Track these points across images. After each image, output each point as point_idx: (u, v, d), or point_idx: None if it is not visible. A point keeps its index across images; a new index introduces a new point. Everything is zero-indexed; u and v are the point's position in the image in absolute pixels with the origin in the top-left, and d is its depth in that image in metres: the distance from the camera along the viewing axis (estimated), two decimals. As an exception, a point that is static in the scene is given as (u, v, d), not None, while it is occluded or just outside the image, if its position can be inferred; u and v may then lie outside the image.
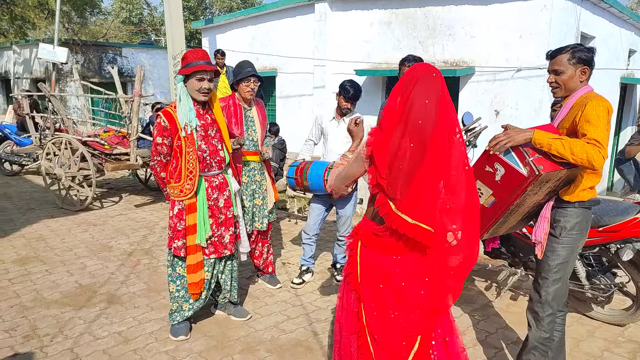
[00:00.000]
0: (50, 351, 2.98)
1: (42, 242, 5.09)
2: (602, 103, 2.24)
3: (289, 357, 2.95)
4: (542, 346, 2.53)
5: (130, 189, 8.03)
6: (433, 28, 6.60)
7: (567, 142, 2.20)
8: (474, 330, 3.35)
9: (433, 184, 1.70)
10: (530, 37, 5.81)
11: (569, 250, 2.46)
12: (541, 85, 5.79)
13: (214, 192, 3.09)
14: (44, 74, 14.14)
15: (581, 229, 2.45)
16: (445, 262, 1.77)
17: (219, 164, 3.11)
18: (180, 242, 3.02)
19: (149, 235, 5.42)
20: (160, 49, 16.05)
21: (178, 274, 3.11)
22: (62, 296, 3.77)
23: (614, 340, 3.23)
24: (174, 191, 3.01)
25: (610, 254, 3.25)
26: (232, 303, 3.44)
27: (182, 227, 3.02)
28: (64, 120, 6.92)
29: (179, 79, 2.96)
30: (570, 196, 2.41)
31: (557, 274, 2.47)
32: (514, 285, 3.94)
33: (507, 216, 2.48)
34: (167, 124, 2.94)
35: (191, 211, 3.00)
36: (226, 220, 3.15)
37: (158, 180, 3.12)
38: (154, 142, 2.98)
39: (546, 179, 2.27)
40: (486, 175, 2.43)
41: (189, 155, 2.96)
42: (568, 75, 2.38)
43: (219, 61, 8.05)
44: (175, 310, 3.16)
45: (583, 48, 2.37)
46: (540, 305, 2.51)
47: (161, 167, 3.04)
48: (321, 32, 8.10)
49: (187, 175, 2.96)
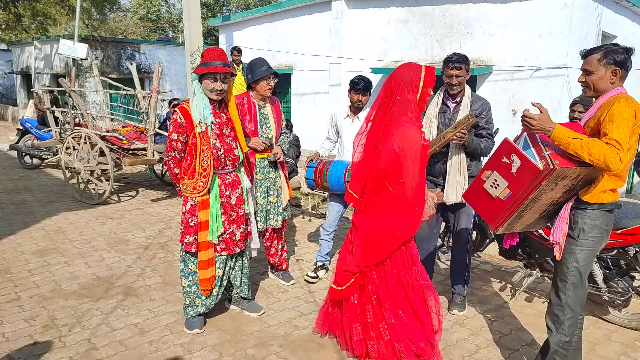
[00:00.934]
0: (68, 341, 3.04)
1: (61, 235, 5.19)
2: (630, 105, 2.20)
3: (301, 352, 2.98)
4: (562, 350, 2.49)
5: (147, 183, 8.14)
6: (451, 26, 6.54)
7: (586, 142, 2.17)
8: (488, 331, 3.33)
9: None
10: (550, 36, 5.72)
11: (588, 253, 2.42)
12: (560, 85, 5.70)
13: (226, 189, 3.11)
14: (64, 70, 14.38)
15: (601, 232, 2.40)
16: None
17: (233, 162, 3.14)
18: (192, 238, 3.05)
19: (165, 229, 5.49)
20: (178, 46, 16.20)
21: (190, 269, 3.14)
22: (80, 287, 3.85)
23: (631, 344, 3.18)
24: (187, 188, 3.03)
25: (628, 257, 3.20)
26: (243, 298, 3.47)
27: (194, 223, 3.04)
28: (84, 115, 7.03)
29: (194, 76, 3.00)
30: (590, 197, 2.36)
31: (575, 277, 2.44)
32: (529, 286, 3.90)
33: (522, 211, 2.44)
34: (183, 120, 2.96)
35: (204, 207, 3.02)
36: (238, 217, 3.17)
37: (171, 176, 3.14)
38: (169, 138, 3.01)
39: (562, 174, 2.25)
40: (503, 166, 2.42)
41: (203, 152, 2.97)
42: (598, 76, 2.34)
43: (235, 58, 8.09)
44: (189, 305, 3.19)
45: (617, 49, 2.32)
46: (561, 309, 2.47)
47: (175, 163, 3.06)
48: (337, 30, 8.09)
49: (200, 172, 2.98)
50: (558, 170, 2.21)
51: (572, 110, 4.16)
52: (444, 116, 3.41)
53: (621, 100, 2.22)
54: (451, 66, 3.28)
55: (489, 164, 2.54)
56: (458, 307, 3.56)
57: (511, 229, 2.59)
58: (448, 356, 2.99)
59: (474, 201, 2.71)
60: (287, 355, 2.95)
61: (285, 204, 3.88)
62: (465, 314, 3.55)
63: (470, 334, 3.28)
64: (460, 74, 3.27)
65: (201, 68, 2.94)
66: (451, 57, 3.32)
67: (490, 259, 4.73)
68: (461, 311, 3.56)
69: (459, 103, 3.38)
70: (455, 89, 3.33)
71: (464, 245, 3.51)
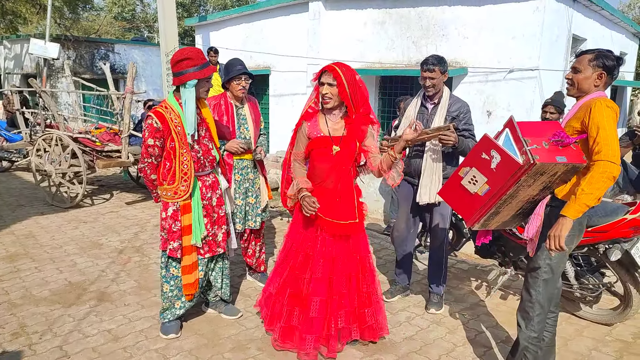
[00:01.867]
0: (39, 349, 2.95)
1: (31, 239, 5.05)
2: (610, 105, 2.25)
3: (280, 355, 2.96)
4: (532, 346, 2.53)
5: (122, 186, 7.99)
6: (427, 28, 6.62)
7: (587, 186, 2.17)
8: (463, 329, 3.37)
9: None
10: (523, 39, 5.84)
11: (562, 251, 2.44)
12: (533, 87, 5.83)
13: (207, 191, 3.07)
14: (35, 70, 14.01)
15: (574, 231, 2.41)
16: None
17: (211, 164, 3.10)
18: (177, 244, 2.97)
19: (140, 232, 5.39)
20: (153, 46, 15.95)
21: (172, 274, 3.08)
22: (52, 294, 3.74)
23: (601, 339, 3.27)
24: (167, 193, 2.94)
25: (598, 254, 3.28)
26: (223, 301, 3.43)
27: (178, 228, 2.97)
28: (55, 117, 6.86)
29: (191, 84, 2.81)
30: (565, 195, 2.39)
31: (547, 274, 2.47)
32: (504, 284, 3.97)
33: (500, 207, 2.46)
34: (160, 125, 2.84)
35: (186, 212, 2.96)
36: (219, 218, 3.14)
37: (148, 183, 3.03)
38: (145, 144, 2.88)
39: (541, 170, 2.27)
40: (482, 162, 2.43)
41: (182, 156, 2.89)
42: (584, 76, 2.39)
43: (212, 59, 8.01)
44: (167, 308, 3.13)
45: (610, 55, 2.38)
46: (531, 305, 2.51)
47: (152, 169, 2.95)
48: (315, 31, 8.10)
49: (181, 176, 2.91)
50: (538, 165, 2.23)
51: (544, 112, 4.26)
52: (422, 117, 3.44)
53: (602, 101, 2.26)
54: (424, 68, 3.33)
55: (467, 161, 2.55)
56: (435, 306, 3.60)
57: (487, 225, 2.60)
58: (426, 355, 3.02)
59: (450, 198, 2.71)
60: (265, 358, 2.93)
61: (264, 206, 3.85)
62: (442, 313, 3.59)
63: (447, 333, 3.32)
64: (433, 76, 3.30)
65: (202, 71, 2.82)
66: (427, 59, 3.35)
67: (467, 257, 4.80)
68: (438, 310, 3.59)
69: (436, 104, 3.41)
70: (430, 90, 3.36)
71: (441, 245, 3.55)
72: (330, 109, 2.80)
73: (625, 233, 3.10)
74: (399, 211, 3.70)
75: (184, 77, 2.81)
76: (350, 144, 2.81)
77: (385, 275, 4.35)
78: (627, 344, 3.22)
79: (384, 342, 3.16)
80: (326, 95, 2.73)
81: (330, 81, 2.71)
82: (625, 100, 10.62)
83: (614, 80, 2.46)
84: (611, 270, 3.33)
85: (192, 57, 2.81)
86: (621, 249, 3.13)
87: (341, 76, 2.68)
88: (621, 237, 3.13)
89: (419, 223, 3.74)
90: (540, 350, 2.57)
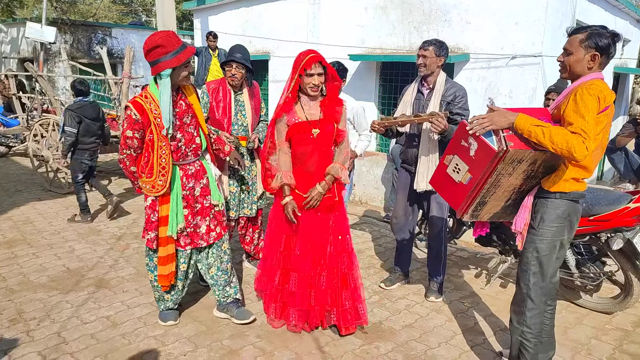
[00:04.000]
0: (36, 335, 2.94)
1: (29, 225, 5.02)
2: (593, 92, 2.11)
3: (278, 342, 2.95)
4: (528, 342, 2.43)
5: (120, 172, 7.94)
6: (429, 13, 6.51)
7: (548, 129, 2.10)
8: (463, 317, 3.36)
9: None
10: (526, 24, 5.75)
11: (549, 243, 2.33)
12: (535, 73, 5.75)
13: (189, 180, 2.92)
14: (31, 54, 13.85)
15: (562, 222, 2.31)
16: None
17: (195, 152, 2.94)
18: (153, 234, 2.90)
19: (139, 219, 5.36)
20: (151, 30, 15.75)
21: (154, 264, 3.00)
22: (50, 280, 3.73)
23: (601, 327, 3.26)
24: (146, 186, 2.83)
25: (600, 243, 3.26)
26: (236, 300, 3.20)
27: (156, 219, 2.88)
28: (52, 102, 6.78)
29: (165, 74, 2.62)
30: (550, 185, 2.29)
31: (535, 267, 2.37)
32: (504, 272, 3.96)
33: (485, 197, 2.40)
34: (139, 117, 2.69)
35: (164, 202, 2.86)
36: (202, 209, 2.98)
37: (128, 175, 2.90)
38: (123, 135, 2.74)
39: (517, 157, 2.20)
40: (462, 149, 2.38)
41: (161, 149, 2.75)
42: (575, 58, 2.23)
43: (211, 44, 7.92)
44: (158, 298, 3.12)
45: (603, 33, 2.19)
46: (522, 300, 2.43)
47: (131, 161, 2.82)
48: (315, 16, 7.98)
49: (159, 171, 2.77)
50: (512, 152, 2.16)
51: (547, 99, 4.21)
52: (418, 103, 3.40)
53: (584, 88, 2.13)
54: (420, 46, 3.33)
55: (449, 148, 2.51)
56: (435, 294, 3.59)
57: (477, 216, 2.53)
58: (425, 342, 3.01)
59: (440, 187, 2.67)
60: (264, 345, 2.92)
61: (260, 193, 3.82)
62: (442, 301, 3.58)
63: (447, 320, 3.31)
64: (426, 55, 3.27)
65: (176, 57, 2.61)
66: (426, 40, 3.36)
67: (467, 245, 4.78)
68: (438, 298, 3.58)
69: (432, 90, 3.36)
70: (422, 70, 3.33)
71: (439, 233, 3.53)
72: (309, 95, 2.88)
73: (628, 222, 3.07)
74: (397, 198, 3.67)
75: (157, 66, 2.63)
76: (328, 125, 2.89)
77: (384, 263, 4.33)
78: (627, 332, 3.21)
79: (383, 329, 3.15)
80: (317, 86, 2.82)
81: (320, 70, 2.80)
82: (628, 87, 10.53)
83: (612, 56, 2.24)
84: (612, 259, 3.31)
85: (163, 44, 2.60)
86: (623, 238, 3.11)
87: (328, 64, 2.83)
88: (624, 226, 3.11)
89: (417, 210, 3.71)
90: (541, 344, 2.47)
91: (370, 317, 3.30)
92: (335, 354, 2.86)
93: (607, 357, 2.92)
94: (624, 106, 10.61)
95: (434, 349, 2.96)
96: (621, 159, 4.93)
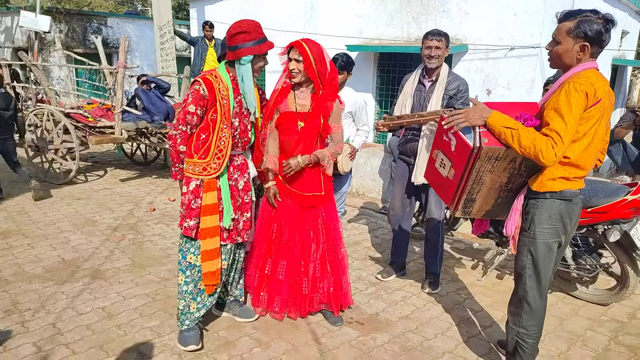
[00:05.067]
0: (31, 326, 2.93)
1: (24, 216, 4.99)
2: (581, 87, 1.98)
3: (274, 333, 2.94)
4: (524, 342, 2.37)
5: (116, 163, 7.89)
6: (427, 4, 6.45)
7: (517, 132, 2.04)
8: (460, 309, 3.36)
9: None
10: (525, 15, 5.71)
11: (542, 245, 2.24)
12: (534, 65, 5.72)
13: (235, 171, 2.78)
14: (26, 43, 13.71)
15: (554, 223, 2.20)
16: None
17: (244, 145, 2.81)
18: (193, 222, 2.67)
19: (135, 210, 5.33)
20: (147, 20, 15.60)
21: (188, 262, 2.74)
22: (45, 271, 3.71)
23: (597, 319, 3.27)
24: (195, 168, 2.63)
25: (597, 234, 3.26)
26: (237, 301, 3.13)
27: (197, 206, 2.66)
28: (46, 91, 6.71)
29: (246, 59, 2.59)
30: (538, 185, 2.19)
31: (530, 270, 2.29)
32: (500, 264, 3.96)
33: (471, 193, 2.35)
34: (207, 93, 2.57)
35: (209, 189, 2.65)
36: (243, 204, 2.83)
37: (173, 154, 2.67)
38: (185, 110, 2.58)
39: (492, 155, 2.16)
40: (445, 145, 2.36)
41: (222, 131, 2.61)
42: (564, 49, 2.10)
43: (207, 33, 7.84)
44: (183, 310, 2.77)
45: (594, 19, 2.02)
46: (518, 300, 2.37)
47: (183, 139, 2.62)
48: (313, 6, 7.91)
49: (215, 153, 2.62)
50: (485, 149, 2.12)
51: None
52: (419, 95, 3.36)
53: (572, 82, 2.01)
54: (430, 37, 3.22)
55: (435, 143, 2.48)
56: (431, 286, 3.59)
57: (469, 213, 2.47)
58: (422, 334, 3.02)
59: (433, 181, 2.65)
60: (260, 336, 2.91)
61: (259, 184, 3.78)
62: (439, 292, 3.58)
63: (443, 312, 3.31)
64: (439, 46, 3.20)
65: (259, 46, 2.59)
66: (432, 30, 3.28)
67: (463, 237, 4.78)
68: (434, 290, 3.58)
69: (434, 82, 3.32)
70: (433, 62, 3.23)
71: (436, 225, 3.52)
72: (298, 84, 2.84)
73: (625, 214, 3.07)
74: (394, 190, 3.65)
75: (238, 51, 2.59)
76: (314, 120, 2.83)
77: (381, 254, 4.33)
78: (622, 324, 3.22)
79: (380, 320, 3.15)
80: (293, 71, 2.77)
81: (297, 57, 2.75)
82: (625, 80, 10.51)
83: (606, 44, 2.08)
84: (609, 251, 3.32)
85: (249, 30, 2.59)
86: (620, 230, 3.11)
87: (307, 52, 2.72)
88: (621, 218, 3.10)
89: (415, 202, 3.70)
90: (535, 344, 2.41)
91: (367, 309, 3.30)
92: (331, 344, 2.85)
93: (603, 348, 2.93)
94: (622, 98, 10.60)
95: (430, 340, 2.96)
96: (619, 151, 4.92)
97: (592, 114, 2.05)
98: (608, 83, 2.11)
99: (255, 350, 2.78)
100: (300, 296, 3.03)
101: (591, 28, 2.02)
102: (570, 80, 2.04)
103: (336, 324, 3.05)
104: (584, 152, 2.12)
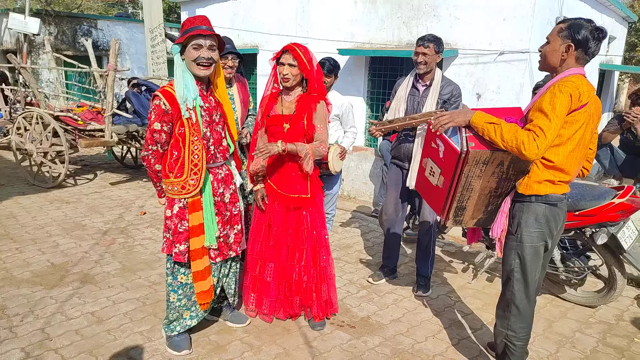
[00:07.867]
0: (20, 331, 2.89)
1: (12, 220, 4.93)
2: (566, 89, 2.03)
3: (265, 337, 2.94)
4: (512, 345, 2.38)
5: (106, 166, 7.84)
6: (417, 8, 6.51)
7: (499, 127, 2.08)
8: (451, 311, 3.38)
9: None
10: (514, 21, 5.78)
11: (529, 249, 2.26)
12: (523, 70, 5.79)
13: (219, 185, 2.67)
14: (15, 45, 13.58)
15: (540, 227, 2.23)
16: None
17: (223, 154, 2.71)
18: (183, 247, 2.58)
19: (125, 213, 5.30)
20: (138, 22, 15.53)
21: (180, 282, 2.68)
22: (33, 275, 3.67)
23: (585, 321, 3.31)
24: (173, 187, 2.53)
25: (585, 237, 3.30)
26: (228, 305, 3.10)
27: (185, 229, 2.58)
28: (35, 94, 6.65)
29: (175, 50, 2.46)
30: (524, 188, 2.21)
31: (518, 274, 2.31)
32: (491, 267, 3.99)
33: (461, 201, 2.34)
34: (169, 107, 2.43)
35: (195, 209, 2.55)
36: (232, 217, 2.77)
37: (151, 175, 2.61)
38: (151, 129, 2.47)
39: (480, 158, 2.18)
40: (433, 152, 2.37)
41: (193, 145, 2.48)
42: (551, 48, 2.17)
43: (198, 36, 7.80)
44: (174, 319, 2.75)
45: (584, 25, 2.10)
46: (506, 304, 2.39)
47: (157, 158, 2.53)
48: (304, 10, 7.93)
49: (190, 168, 2.50)
50: (472, 153, 2.14)
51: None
52: (413, 99, 3.38)
53: (557, 85, 2.06)
54: (419, 43, 3.26)
55: (423, 151, 2.48)
56: (422, 289, 3.60)
57: (460, 221, 2.47)
58: (412, 337, 3.03)
59: (423, 191, 2.65)
60: (252, 340, 2.91)
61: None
62: (429, 295, 3.60)
63: (434, 315, 3.33)
64: (426, 52, 3.23)
65: (183, 36, 2.43)
66: (423, 36, 3.30)
67: (454, 240, 4.81)
68: (425, 292, 3.60)
69: (428, 86, 3.35)
70: (421, 68, 3.28)
71: (429, 229, 3.54)
72: (288, 88, 2.87)
73: (612, 217, 3.11)
74: (387, 194, 3.67)
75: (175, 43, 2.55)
76: (298, 121, 2.85)
77: (372, 258, 4.34)
78: (610, 325, 3.26)
79: (371, 323, 3.16)
80: (286, 76, 2.78)
81: (291, 61, 2.76)
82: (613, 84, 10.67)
83: (592, 56, 2.16)
84: (597, 253, 3.36)
85: (184, 24, 2.52)
86: (607, 233, 3.15)
87: (301, 56, 2.75)
88: (608, 221, 3.14)
89: (407, 206, 3.72)
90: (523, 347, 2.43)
91: (358, 312, 3.31)
92: (323, 348, 2.86)
93: (591, 350, 2.96)
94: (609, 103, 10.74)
95: (421, 342, 2.97)
96: (606, 155, 4.99)
97: (577, 118, 2.09)
98: (594, 90, 2.16)
99: (247, 354, 2.78)
100: (287, 298, 3.05)
101: (579, 32, 2.11)
102: (557, 83, 2.10)
103: (315, 328, 3.05)
104: (568, 156, 2.16)
